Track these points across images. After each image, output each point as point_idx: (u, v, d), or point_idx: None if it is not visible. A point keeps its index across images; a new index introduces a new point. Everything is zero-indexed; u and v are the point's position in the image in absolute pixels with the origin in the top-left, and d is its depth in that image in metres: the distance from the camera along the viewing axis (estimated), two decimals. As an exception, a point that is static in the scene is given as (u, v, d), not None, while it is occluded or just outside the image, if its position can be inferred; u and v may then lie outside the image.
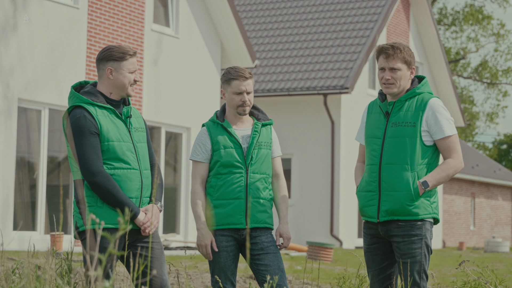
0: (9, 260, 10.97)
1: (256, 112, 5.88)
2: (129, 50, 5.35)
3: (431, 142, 5.56)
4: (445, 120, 5.54)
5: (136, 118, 5.47)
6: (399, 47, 5.56)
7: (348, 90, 22.89)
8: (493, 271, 8.03)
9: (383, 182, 5.53)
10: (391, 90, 5.58)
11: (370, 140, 5.65)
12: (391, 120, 5.59)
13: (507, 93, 53.47)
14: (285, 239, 5.68)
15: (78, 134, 5.24)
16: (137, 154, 5.37)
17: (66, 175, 16.17)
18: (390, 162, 5.52)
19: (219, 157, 5.68)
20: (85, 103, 5.29)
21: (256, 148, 5.72)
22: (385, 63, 5.57)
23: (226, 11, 19.73)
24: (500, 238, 36.33)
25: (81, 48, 16.43)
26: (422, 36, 28.17)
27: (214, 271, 5.67)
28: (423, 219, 5.51)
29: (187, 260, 13.07)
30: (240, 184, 5.66)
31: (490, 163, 42.34)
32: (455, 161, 5.55)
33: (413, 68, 5.64)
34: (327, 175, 23.44)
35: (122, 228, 3.13)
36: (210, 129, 5.75)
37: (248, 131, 5.77)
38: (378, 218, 5.55)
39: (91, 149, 5.22)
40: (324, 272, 12.88)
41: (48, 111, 15.71)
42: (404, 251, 5.50)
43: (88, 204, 5.24)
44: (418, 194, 5.47)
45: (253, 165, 5.69)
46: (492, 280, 7.51)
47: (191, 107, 19.16)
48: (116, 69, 5.33)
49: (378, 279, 5.67)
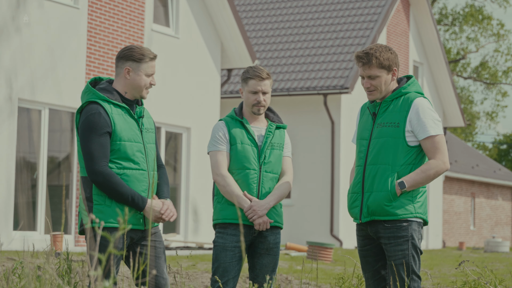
0: (9, 260, 10.97)
1: (271, 115, 5.94)
2: (149, 53, 5.33)
3: (416, 142, 5.48)
4: (429, 120, 5.45)
5: (147, 118, 5.45)
6: (374, 54, 5.43)
7: (348, 90, 22.89)
8: (493, 271, 8.04)
9: (365, 183, 5.50)
10: (373, 96, 5.54)
11: (359, 141, 5.64)
12: (377, 121, 5.54)
13: (507, 94, 53.46)
14: (252, 211, 5.64)
15: (89, 130, 5.20)
16: (147, 155, 5.35)
17: (66, 175, 16.17)
18: (373, 163, 5.49)
19: (235, 151, 5.72)
20: (100, 99, 5.26)
21: (269, 148, 5.77)
22: (362, 71, 5.50)
23: (226, 11, 19.73)
24: (500, 238, 36.33)
25: (81, 48, 16.43)
26: (422, 36, 28.17)
27: (217, 270, 5.68)
28: (408, 219, 5.45)
29: (187, 260, 13.07)
30: (254, 181, 5.69)
31: (490, 163, 42.33)
32: (437, 162, 5.44)
33: (395, 70, 5.52)
34: (327, 175, 23.45)
35: (122, 228, 3.13)
36: (228, 123, 5.79)
37: (262, 131, 5.82)
38: (360, 219, 5.53)
39: (99, 148, 5.18)
40: (324, 272, 12.88)
41: (48, 111, 15.71)
42: (391, 252, 5.47)
43: (95, 202, 5.22)
44: (395, 194, 5.41)
45: (266, 164, 5.73)
46: (492, 280, 7.51)
47: (191, 107, 19.16)
48: (134, 69, 5.31)
49: (373, 281, 5.65)
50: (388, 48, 5.51)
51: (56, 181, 15.96)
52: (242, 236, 3.44)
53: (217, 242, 5.70)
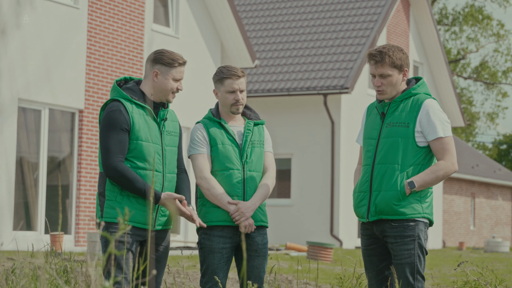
0: (9, 260, 10.97)
1: (248, 112, 5.89)
2: (179, 58, 5.42)
3: (424, 143, 5.51)
4: (439, 122, 5.49)
5: (171, 122, 5.53)
6: (387, 53, 5.48)
7: (348, 90, 22.88)
8: (493, 271, 8.03)
9: (374, 182, 5.51)
10: (383, 96, 5.56)
11: (366, 141, 5.64)
12: (386, 120, 5.56)
13: (507, 94, 53.45)
14: (239, 213, 5.61)
15: (109, 126, 5.29)
16: (164, 157, 5.39)
17: (66, 175, 16.17)
18: (382, 162, 5.50)
19: (216, 153, 5.67)
20: (123, 98, 5.35)
21: (250, 146, 5.72)
22: (374, 70, 5.53)
23: (226, 11, 19.73)
24: (500, 238, 36.33)
25: (81, 48, 16.43)
26: (422, 36, 28.17)
27: (206, 272, 5.66)
28: (415, 219, 5.47)
29: (187, 260, 13.07)
30: (238, 181, 5.65)
31: (490, 163, 42.34)
32: (446, 163, 5.47)
33: (406, 70, 5.57)
34: (327, 175, 23.44)
35: (122, 228, 3.14)
36: (207, 125, 5.78)
37: (240, 128, 5.78)
38: (367, 217, 5.53)
39: (117, 144, 5.27)
40: (324, 272, 12.87)
41: (48, 111, 15.71)
42: (397, 252, 5.47)
43: (107, 197, 5.29)
44: (405, 194, 5.43)
45: (248, 163, 5.68)
46: (492, 280, 7.50)
47: (191, 107, 19.16)
48: (162, 73, 5.40)
49: (376, 281, 5.65)
50: (400, 48, 5.56)
51: (56, 181, 15.96)
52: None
53: (204, 244, 5.64)
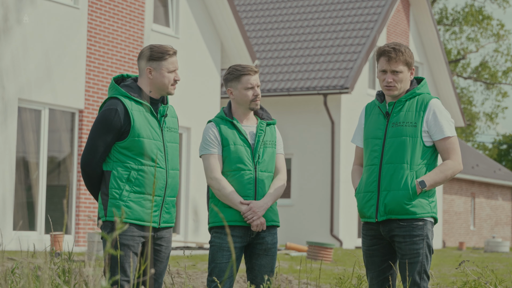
0: (9, 260, 10.96)
1: (260, 112, 5.87)
2: (168, 50, 5.37)
3: (430, 143, 5.55)
4: (445, 121, 5.54)
5: (171, 118, 5.49)
6: (400, 50, 5.54)
7: (348, 90, 22.88)
8: (493, 271, 8.03)
9: (382, 181, 5.51)
10: (392, 92, 5.58)
11: (370, 141, 5.64)
12: (391, 120, 5.57)
13: (507, 94, 53.45)
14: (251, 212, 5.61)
15: (100, 124, 5.28)
16: (166, 153, 5.37)
17: (65, 175, 16.17)
18: (390, 162, 5.51)
19: (228, 153, 5.65)
20: (122, 95, 5.32)
21: (262, 147, 5.72)
22: (387, 65, 5.56)
23: (226, 11, 19.72)
24: (500, 238, 36.33)
25: (81, 48, 16.43)
26: (422, 36, 28.17)
27: (214, 271, 5.66)
28: (424, 218, 5.49)
29: (187, 260, 13.07)
30: (250, 181, 5.65)
31: (490, 163, 42.33)
32: (454, 162, 5.54)
33: (413, 69, 5.63)
34: (327, 175, 23.44)
35: (119, 228, 3.13)
36: (219, 124, 5.72)
37: (253, 128, 5.76)
38: (376, 217, 5.53)
39: (102, 144, 5.25)
40: (324, 272, 12.87)
41: (48, 111, 15.70)
42: (406, 251, 5.48)
43: (111, 196, 5.27)
44: (416, 193, 5.46)
45: (260, 164, 5.67)
46: (492, 280, 7.50)
47: (191, 107, 19.16)
48: (155, 69, 5.36)
49: (377, 281, 5.65)
50: (407, 47, 5.63)
51: (56, 181, 15.96)
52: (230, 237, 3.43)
53: (214, 242, 5.66)
